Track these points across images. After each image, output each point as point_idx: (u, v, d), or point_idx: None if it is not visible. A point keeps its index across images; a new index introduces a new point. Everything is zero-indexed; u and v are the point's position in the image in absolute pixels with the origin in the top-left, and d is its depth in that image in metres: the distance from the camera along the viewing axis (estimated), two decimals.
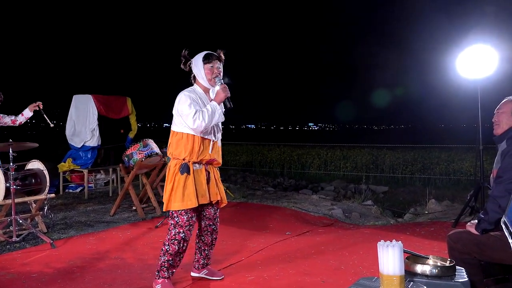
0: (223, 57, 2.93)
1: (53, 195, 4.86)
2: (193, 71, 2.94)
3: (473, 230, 2.47)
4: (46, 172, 4.64)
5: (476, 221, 2.50)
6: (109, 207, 6.01)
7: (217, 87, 2.88)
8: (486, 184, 4.83)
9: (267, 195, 7.61)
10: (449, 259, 1.92)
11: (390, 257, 1.62)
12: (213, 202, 3.02)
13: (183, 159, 2.85)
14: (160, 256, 2.90)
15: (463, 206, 5.18)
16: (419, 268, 1.80)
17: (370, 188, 9.34)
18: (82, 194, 7.41)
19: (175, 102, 2.84)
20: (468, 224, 2.55)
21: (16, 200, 4.27)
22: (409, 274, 1.78)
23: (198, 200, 2.83)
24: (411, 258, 1.88)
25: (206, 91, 2.97)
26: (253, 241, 4.41)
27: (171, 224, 2.87)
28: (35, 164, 4.74)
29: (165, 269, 2.91)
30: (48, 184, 4.64)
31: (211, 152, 2.93)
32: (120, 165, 5.96)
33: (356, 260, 3.77)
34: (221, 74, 2.90)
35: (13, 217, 4.18)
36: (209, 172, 2.98)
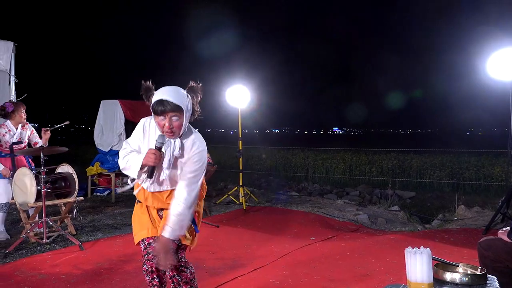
0: (188, 104, 2.14)
1: (81, 198, 4.98)
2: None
3: (505, 238, 2.39)
4: (75, 176, 4.76)
5: (509, 228, 2.42)
6: None
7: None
8: None
9: (291, 199, 7.57)
10: (480, 267, 1.86)
11: (418, 264, 1.59)
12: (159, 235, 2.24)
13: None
14: None
15: (494, 213, 5.03)
16: (448, 276, 1.75)
17: (396, 193, 9.18)
18: (109, 197, 7.56)
19: None
20: (500, 231, 2.47)
21: (47, 203, 4.40)
22: (438, 282, 1.74)
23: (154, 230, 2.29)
24: (440, 266, 1.84)
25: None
26: (277, 246, 4.40)
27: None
28: (64, 168, 4.87)
29: None
30: (77, 187, 4.75)
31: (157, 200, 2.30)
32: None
33: (383, 267, 3.70)
34: (181, 127, 2.13)
35: (44, 219, 4.30)
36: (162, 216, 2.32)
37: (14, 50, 6.68)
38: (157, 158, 2.11)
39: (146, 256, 2.28)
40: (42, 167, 4.25)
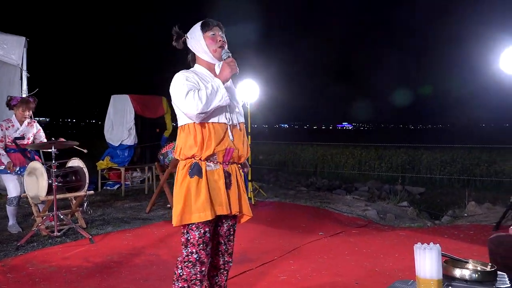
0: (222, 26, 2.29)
1: (92, 192, 5.02)
2: (191, 48, 2.28)
3: None
4: (85, 170, 4.80)
5: None
6: (145, 205, 6.16)
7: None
8: None
9: (300, 194, 7.57)
10: (490, 264, 1.84)
11: (427, 260, 1.57)
12: (233, 214, 2.24)
13: (193, 157, 2.18)
14: (174, 282, 2.17)
15: (505, 209, 4.97)
16: (458, 272, 1.73)
17: (406, 189, 9.12)
18: (119, 191, 7.62)
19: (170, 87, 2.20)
20: (511, 227, 2.45)
21: (58, 196, 4.44)
22: (447, 278, 1.72)
23: (214, 211, 2.13)
24: (449, 262, 1.82)
25: (211, 68, 2.28)
26: (286, 241, 4.40)
27: (182, 242, 2.18)
28: (75, 162, 4.91)
29: None
30: (87, 181, 4.80)
31: (232, 139, 2.20)
32: (156, 163, 6.09)
33: (391, 263, 3.69)
34: (226, 45, 2.25)
35: (55, 213, 4.35)
36: (230, 174, 2.22)
37: (26, 45, 6.74)
38: (235, 64, 2.16)
39: (201, 245, 2.12)
40: (53, 161, 4.29)
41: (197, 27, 2.23)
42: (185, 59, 2.35)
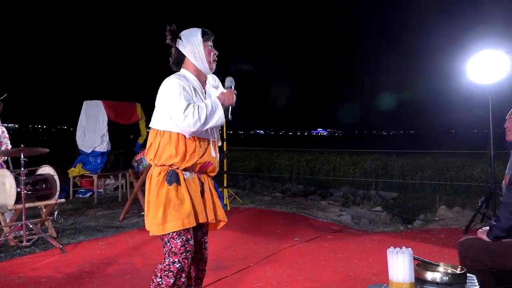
0: None
1: (63, 200, 4.90)
2: (184, 52, 2.19)
3: (485, 237, 2.43)
4: (56, 177, 4.68)
5: (488, 228, 2.47)
6: (118, 212, 6.04)
7: (222, 89, 2.27)
8: (498, 191, 4.76)
9: (276, 200, 7.58)
10: (460, 267, 1.89)
11: (400, 264, 1.61)
12: (210, 221, 2.24)
13: (170, 166, 2.13)
14: None
15: (474, 213, 5.12)
16: (429, 276, 1.77)
17: (379, 194, 9.26)
18: (91, 199, 7.45)
19: (160, 90, 2.14)
20: (480, 231, 2.52)
21: (27, 205, 4.31)
22: (419, 281, 1.76)
23: (196, 218, 2.12)
24: (421, 265, 1.86)
25: (201, 78, 2.23)
26: (261, 247, 4.40)
27: (165, 251, 2.11)
28: (45, 169, 4.78)
29: None
30: (58, 189, 4.68)
31: (214, 155, 2.24)
32: (130, 170, 6.00)
33: (366, 267, 3.73)
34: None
35: (24, 222, 4.21)
36: (203, 182, 2.24)
37: None
38: (234, 97, 2.19)
39: (184, 254, 2.08)
40: (22, 169, 4.16)
41: (197, 33, 2.19)
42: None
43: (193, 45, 2.17)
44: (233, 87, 2.22)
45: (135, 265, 3.84)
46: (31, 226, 4.32)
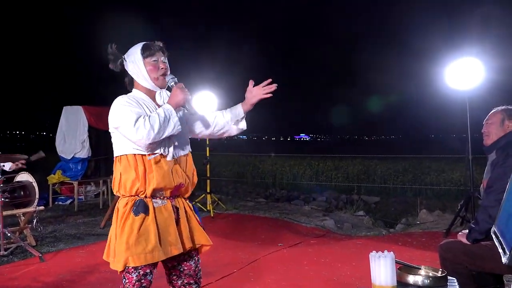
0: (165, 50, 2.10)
1: (42, 207, 4.80)
2: (129, 72, 2.07)
3: (464, 240, 2.48)
4: (35, 185, 4.59)
5: (467, 230, 2.51)
6: (99, 220, 5.94)
7: (167, 89, 2.10)
8: (477, 194, 4.86)
9: (259, 206, 7.58)
10: (440, 269, 1.92)
11: (382, 268, 1.62)
12: (187, 250, 2.05)
13: (136, 195, 1.95)
14: None
15: (454, 216, 5.22)
16: (411, 279, 1.80)
17: (362, 199, 9.34)
18: (72, 206, 7.32)
19: (109, 113, 2.00)
20: (460, 234, 2.56)
21: (4, 213, 4.21)
22: (401, 284, 1.78)
23: (166, 251, 1.93)
24: (403, 269, 1.88)
25: (151, 95, 2.07)
26: (245, 253, 4.38)
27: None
28: (24, 176, 4.68)
29: None
30: (37, 196, 4.59)
31: (176, 175, 2.00)
32: (111, 176, 5.92)
33: (349, 271, 3.76)
34: (169, 71, 2.07)
35: (1, 230, 4.11)
36: (177, 208, 2.04)
37: None
38: (186, 90, 1.99)
39: None
40: (0, 176, 4.07)
41: (136, 51, 2.02)
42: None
43: (134, 64, 2.03)
44: (176, 82, 2.03)
45: (116, 273, 3.77)
46: (9, 234, 4.22)
